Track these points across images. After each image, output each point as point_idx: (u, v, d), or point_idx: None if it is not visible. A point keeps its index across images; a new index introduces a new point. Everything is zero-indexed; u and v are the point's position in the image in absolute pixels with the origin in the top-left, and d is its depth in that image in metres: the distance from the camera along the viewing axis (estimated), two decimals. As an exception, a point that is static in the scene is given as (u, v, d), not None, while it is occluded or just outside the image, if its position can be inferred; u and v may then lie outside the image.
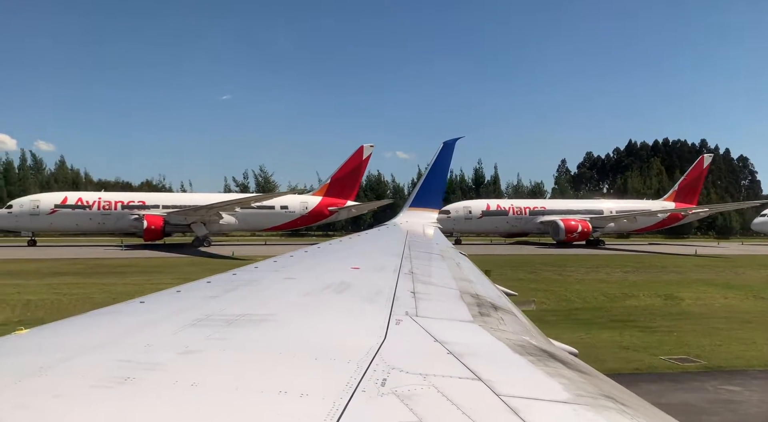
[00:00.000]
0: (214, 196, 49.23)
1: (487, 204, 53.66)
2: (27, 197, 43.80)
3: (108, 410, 1.41)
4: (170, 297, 3.14)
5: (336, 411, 1.42)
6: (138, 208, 42.56)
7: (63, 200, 41.79)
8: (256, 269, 4.62)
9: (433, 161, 16.36)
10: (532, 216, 52.88)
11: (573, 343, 3.80)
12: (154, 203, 43.62)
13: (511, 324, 3.21)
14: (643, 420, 1.67)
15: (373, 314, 2.80)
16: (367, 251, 7.79)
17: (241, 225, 45.56)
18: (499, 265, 28.39)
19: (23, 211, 40.89)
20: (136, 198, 44.33)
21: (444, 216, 49.29)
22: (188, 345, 2.02)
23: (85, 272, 25.97)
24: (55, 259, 31.64)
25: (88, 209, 41.84)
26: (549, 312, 17.42)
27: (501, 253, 41.03)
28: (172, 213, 41.47)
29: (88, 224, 42.41)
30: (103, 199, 42.75)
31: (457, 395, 1.60)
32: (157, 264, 30.00)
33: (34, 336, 2.20)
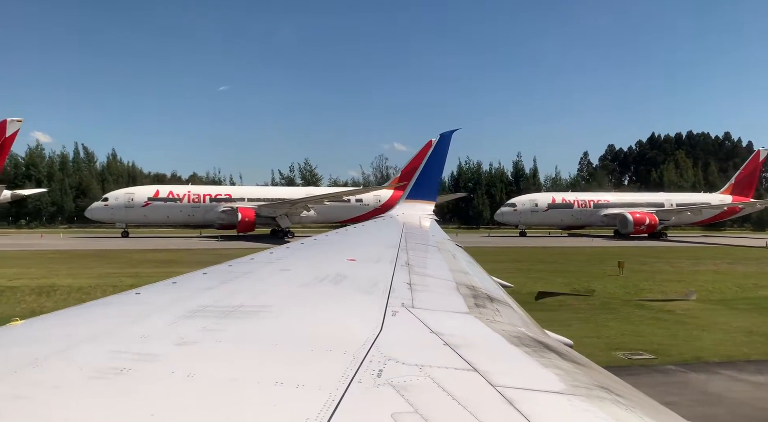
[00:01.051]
0: (295, 190, 51.81)
1: (553, 197, 54.59)
2: (122, 190, 45.48)
3: (104, 401, 1.41)
4: (166, 288, 3.13)
5: (332, 401, 1.42)
6: (225, 201, 44.23)
7: (155, 193, 43.53)
8: (252, 260, 4.61)
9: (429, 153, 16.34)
10: (595, 209, 53.80)
11: None
12: (240, 196, 45.58)
13: (506, 315, 3.22)
14: (638, 411, 1.68)
15: (370, 306, 2.80)
16: (363, 242, 7.80)
17: (320, 218, 47.28)
18: (601, 259, 29.83)
19: (119, 204, 42.48)
20: (222, 191, 46.44)
21: (510, 209, 51.65)
22: (184, 336, 2.02)
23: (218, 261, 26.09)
24: (171, 249, 32.68)
25: (178, 202, 43.71)
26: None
27: (576, 245, 42.18)
28: (263, 206, 42.99)
29: (178, 216, 44.22)
30: (192, 192, 44.66)
31: (453, 386, 1.60)
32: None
33: (29, 327, 2.19)
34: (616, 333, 14.85)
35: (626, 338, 14.34)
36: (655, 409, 1.88)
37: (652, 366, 12.02)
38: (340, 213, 47.78)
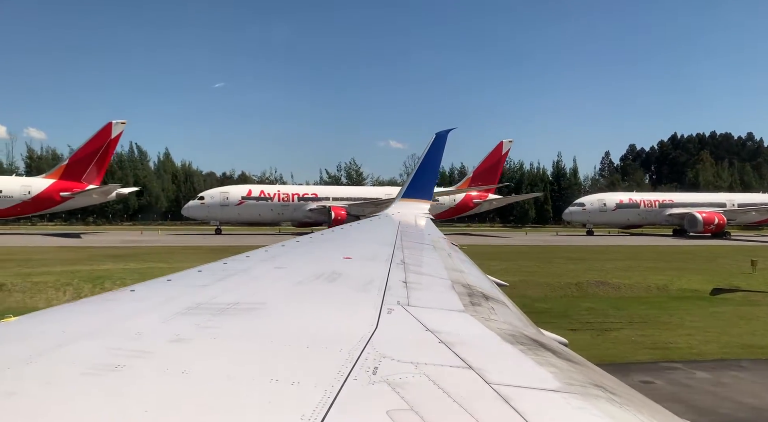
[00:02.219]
0: (374, 189, 53.93)
1: (620, 198, 55.82)
2: (217, 189, 47.88)
3: (98, 397, 1.41)
4: (161, 286, 3.12)
5: (327, 398, 1.42)
6: (311, 200, 46.72)
7: (248, 193, 45.85)
8: (247, 258, 4.60)
9: (425, 153, 16.33)
10: (660, 209, 55.14)
11: None
12: (325, 195, 48.05)
13: (501, 313, 3.22)
14: (631, 409, 1.68)
15: (365, 304, 2.80)
16: (359, 241, 7.79)
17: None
18: (707, 257, 30.88)
19: (214, 202, 44.63)
20: (309, 191, 48.89)
21: (579, 208, 53.07)
22: (179, 333, 2.01)
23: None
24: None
25: (269, 201, 45.86)
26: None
27: (660, 244, 43.75)
28: (353, 205, 45.26)
29: (269, 214, 46.51)
30: (281, 191, 47.28)
31: (448, 383, 1.61)
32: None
33: (23, 324, 2.18)
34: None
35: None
36: (649, 407, 1.89)
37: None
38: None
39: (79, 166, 42.26)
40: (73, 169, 42.40)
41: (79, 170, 42.17)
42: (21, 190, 41.38)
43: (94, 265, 23.67)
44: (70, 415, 1.32)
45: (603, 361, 11.37)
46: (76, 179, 42.42)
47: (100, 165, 43.51)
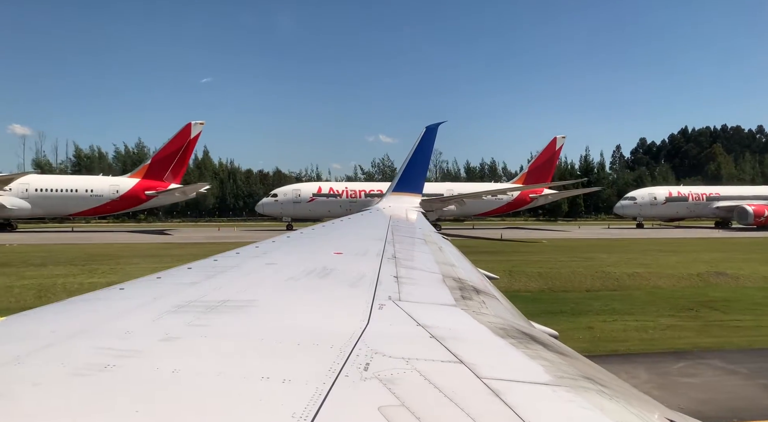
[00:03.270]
0: (437, 185, 54.85)
1: (669, 191, 57.31)
2: (289, 186, 49.79)
3: (88, 398, 1.39)
4: (150, 284, 3.10)
5: (319, 395, 1.42)
6: (377, 196, 47.63)
7: (318, 190, 47.70)
8: (237, 254, 4.58)
9: (415, 146, 16.33)
10: (708, 202, 56.68)
11: None
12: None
13: (492, 307, 3.24)
14: (622, 401, 1.70)
15: (356, 299, 2.79)
16: (350, 236, 7.78)
17: (457, 211, 50.76)
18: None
19: (287, 199, 46.54)
20: (375, 187, 49.96)
21: (630, 202, 54.69)
22: (168, 331, 2.00)
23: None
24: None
25: (338, 198, 47.78)
26: None
27: (721, 236, 44.97)
28: (423, 201, 44.94)
29: (338, 210, 47.09)
30: (349, 188, 48.99)
31: (439, 378, 1.61)
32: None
33: (10, 324, 2.15)
34: None
35: None
36: (638, 398, 1.91)
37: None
38: (479, 207, 51.79)
39: (161, 165, 43.91)
40: (156, 168, 44.03)
41: (160, 169, 43.80)
42: (110, 189, 42.86)
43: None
44: (59, 416, 1.31)
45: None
46: (158, 178, 44.10)
47: (179, 165, 45.28)
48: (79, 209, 42.93)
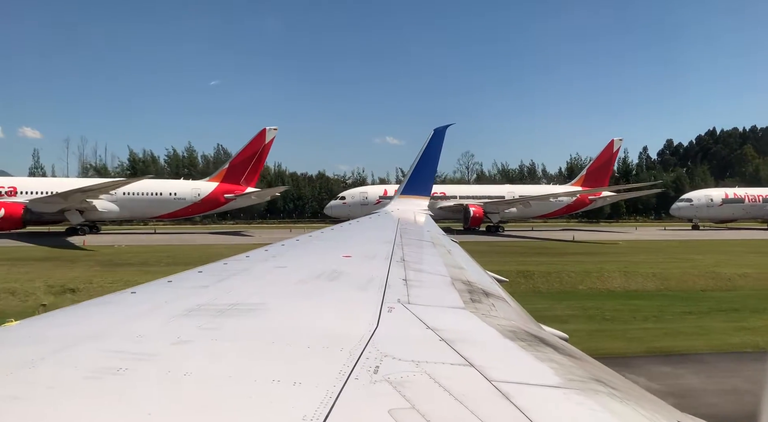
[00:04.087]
0: (498, 188, 56.56)
1: (725, 193, 57.33)
2: (356, 189, 51.28)
3: (100, 401, 1.41)
4: (161, 287, 3.13)
5: (329, 398, 1.42)
6: (440, 198, 49.42)
7: (384, 193, 48.57)
8: (247, 258, 4.61)
9: (423, 149, 16.31)
10: (764, 203, 57.02)
11: None
12: (452, 194, 51.06)
13: (502, 309, 3.23)
14: (632, 403, 1.69)
15: (366, 302, 2.80)
16: (358, 239, 7.79)
17: (519, 214, 51.78)
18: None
19: (355, 202, 47.76)
20: (438, 190, 50.42)
21: (686, 204, 55.10)
22: (180, 335, 2.01)
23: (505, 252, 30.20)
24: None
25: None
26: None
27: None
28: (488, 203, 48.84)
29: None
30: None
31: (449, 381, 1.61)
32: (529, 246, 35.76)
33: (25, 328, 2.18)
34: None
35: None
36: (650, 401, 1.90)
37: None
38: (541, 209, 52.73)
39: (238, 169, 45.74)
40: (233, 172, 45.80)
41: (237, 173, 45.63)
42: (192, 193, 44.48)
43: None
44: (73, 419, 1.33)
45: None
46: (236, 182, 45.84)
47: (255, 169, 47.08)
48: (164, 211, 44.52)
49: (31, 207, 37.60)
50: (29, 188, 40.39)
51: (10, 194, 39.45)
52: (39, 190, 39.90)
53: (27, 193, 39.23)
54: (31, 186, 41.00)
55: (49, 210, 38.19)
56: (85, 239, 33.89)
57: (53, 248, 29.89)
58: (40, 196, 38.70)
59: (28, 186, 40.88)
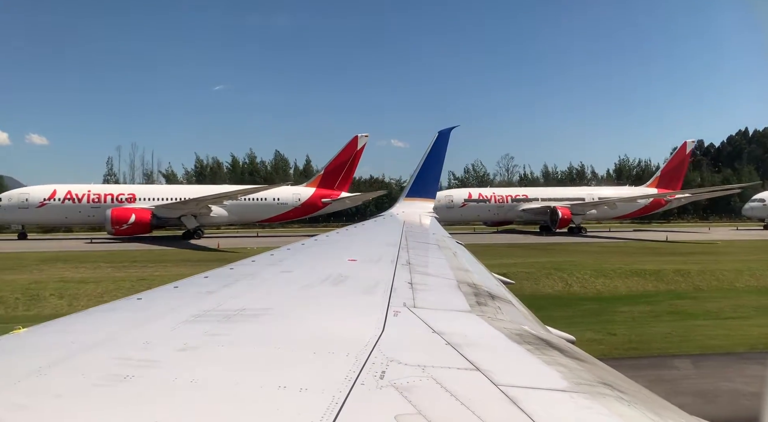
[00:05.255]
0: (579, 190, 57.60)
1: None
2: (441, 192, 51.69)
3: (108, 408, 1.42)
4: (167, 293, 3.13)
5: (335, 404, 1.42)
6: (522, 201, 51.93)
7: (468, 196, 51.73)
8: (253, 262, 4.61)
9: (428, 151, 16.31)
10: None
11: None
12: (534, 196, 53.07)
13: (508, 312, 3.22)
14: (640, 407, 1.68)
15: (371, 306, 2.80)
16: (363, 242, 7.79)
17: (598, 215, 53.56)
18: None
19: (441, 205, 48.00)
20: (520, 192, 54.12)
21: (759, 204, 55.61)
22: (186, 341, 2.02)
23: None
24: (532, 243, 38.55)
25: (488, 203, 51.46)
26: None
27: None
28: (575, 205, 50.82)
29: (487, 214, 52.22)
30: (496, 193, 52.84)
31: (455, 386, 1.61)
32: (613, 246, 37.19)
33: (32, 335, 2.19)
34: None
35: None
36: (658, 404, 1.88)
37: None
38: (617, 211, 53.72)
39: (332, 175, 48.10)
40: (328, 178, 48.25)
41: (332, 179, 48.08)
42: (293, 198, 46.98)
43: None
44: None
45: None
46: (330, 187, 48.30)
47: (348, 174, 49.47)
48: (267, 216, 47.19)
49: (157, 213, 40.27)
50: (146, 195, 43.38)
51: (130, 200, 42.20)
52: (154, 196, 43.02)
53: (144, 199, 42.26)
54: (148, 193, 44.05)
55: (171, 215, 41.38)
56: (219, 242, 35.90)
57: (194, 250, 31.89)
58: (166, 202, 41.56)
59: (145, 193, 43.85)
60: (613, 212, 52.88)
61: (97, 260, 25.75)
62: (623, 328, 15.72)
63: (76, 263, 25.02)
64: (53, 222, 44.98)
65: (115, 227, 38.37)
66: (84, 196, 41.66)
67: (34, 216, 41.06)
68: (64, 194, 41.40)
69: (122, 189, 45.12)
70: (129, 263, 24.81)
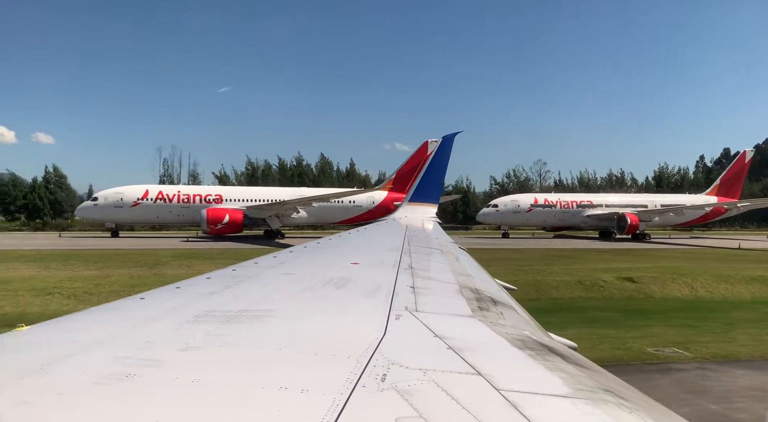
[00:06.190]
0: (642, 196, 59.18)
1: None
2: (507, 197, 55.02)
3: (109, 407, 1.42)
4: (170, 293, 3.14)
5: (336, 406, 1.42)
6: (587, 207, 52.99)
7: (534, 201, 52.93)
8: (255, 264, 4.62)
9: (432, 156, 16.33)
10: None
11: None
12: (599, 202, 54.16)
13: (510, 318, 3.21)
14: (642, 414, 1.67)
15: (373, 310, 2.80)
16: (366, 246, 7.80)
17: (659, 223, 54.55)
18: None
19: (507, 209, 51.55)
20: (585, 198, 55.35)
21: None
22: (188, 341, 2.02)
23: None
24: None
25: (553, 208, 52.75)
26: None
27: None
28: (641, 211, 51.83)
29: (552, 220, 53.41)
30: (561, 199, 54.01)
31: (456, 390, 1.60)
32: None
33: (35, 333, 2.20)
34: None
35: None
36: (660, 412, 1.88)
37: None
38: (687, 217, 54.91)
39: (403, 179, 48.91)
40: (399, 182, 49.37)
41: (403, 182, 48.68)
42: (367, 200, 48.74)
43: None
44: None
45: None
46: (402, 191, 48.76)
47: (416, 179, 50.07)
48: (343, 217, 48.48)
49: (248, 213, 41.89)
50: (232, 196, 45.29)
51: (217, 201, 43.89)
52: (239, 198, 44.96)
53: (230, 200, 44.16)
54: (233, 194, 45.96)
55: (260, 216, 43.26)
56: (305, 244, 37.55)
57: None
58: (257, 203, 44.06)
59: (231, 194, 45.78)
60: (678, 219, 53.52)
61: (222, 258, 25.68)
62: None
63: (203, 259, 25.46)
64: (145, 221, 46.60)
65: (210, 226, 40.11)
66: (174, 196, 43.74)
67: (128, 215, 43.15)
68: (156, 194, 43.34)
69: (210, 190, 47.00)
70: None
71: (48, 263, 24.30)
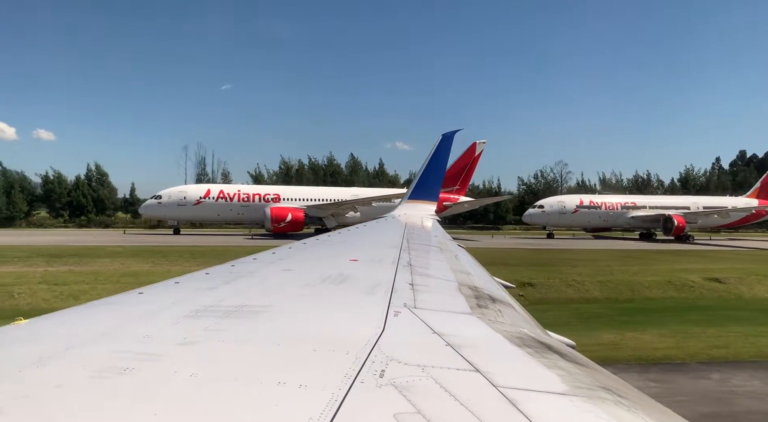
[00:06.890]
0: (684, 198, 59.08)
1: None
2: (554, 198, 55.55)
3: (107, 400, 1.42)
4: (169, 288, 3.14)
5: (335, 402, 1.42)
6: (631, 208, 53.60)
7: (580, 202, 53.64)
8: (254, 260, 4.62)
9: (431, 154, 16.33)
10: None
11: None
12: (643, 204, 54.67)
13: (509, 315, 3.22)
14: (640, 412, 1.68)
15: (372, 306, 2.80)
16: (365, 243, 7.80)
17: (701, 224, 55.02)
18: None
19: (553, 210, 52.29)
20: (629, 200, 55.84)
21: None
22: (187, 336, 2.02)
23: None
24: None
25: (599, 209, 53.48)
26: None
27: None
28: (688, 213, 52.52)
29: (597, 221, 54.02)
30: (607, 201, 54.48)
31: (455, 386, 1.61)
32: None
33: (33, 326, 2.20)
34: None
35: None
36: (658, 410, 1.88)
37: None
38: (720, 220, 55.68)
39: (451, 180, 48.89)
40: (447, 183, 48.41)
41: (450, 183, 49.17)
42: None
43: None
44: (78, 418, 1.33)
45: None
46: (449, 191, 49.76)
47: (466, 179, 51.51)
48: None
49: (308, 212, 43.25)
50: (289, 195, 46.80)
51: (275, 200, 45.21)
52: (296, 197, 47.22)
53: (287, 199, 45.70)
54: (290, 193, 47.38)
55: (319, 215, 44.80)
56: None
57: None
58: (315, 202, 45.09)
59: (288, 193, 47.19)
60: (722, 221, 54.04)
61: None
62: None
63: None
64: (206, 219, 47.70)
65: (274, 224, 41.38)
66: (235, 195, 45.19)
67: (191, 213, 44.83)
68: (217, 193, 44.75)
69: (268, 189, 48.14)
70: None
71: (146, 258, 25.17)
